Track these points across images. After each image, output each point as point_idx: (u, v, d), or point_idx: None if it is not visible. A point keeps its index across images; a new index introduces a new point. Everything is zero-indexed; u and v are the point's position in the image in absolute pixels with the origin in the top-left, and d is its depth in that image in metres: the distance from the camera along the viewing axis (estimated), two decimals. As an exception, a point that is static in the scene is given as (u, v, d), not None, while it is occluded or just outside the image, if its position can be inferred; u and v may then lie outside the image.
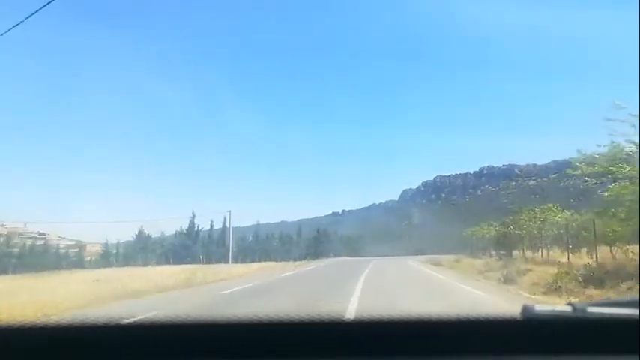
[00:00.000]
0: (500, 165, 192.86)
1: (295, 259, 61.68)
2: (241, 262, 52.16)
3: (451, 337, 1.32)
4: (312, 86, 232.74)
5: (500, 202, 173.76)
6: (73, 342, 1.30)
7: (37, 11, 8.23)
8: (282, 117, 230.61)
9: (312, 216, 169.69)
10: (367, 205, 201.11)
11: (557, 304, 1.35)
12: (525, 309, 1.32)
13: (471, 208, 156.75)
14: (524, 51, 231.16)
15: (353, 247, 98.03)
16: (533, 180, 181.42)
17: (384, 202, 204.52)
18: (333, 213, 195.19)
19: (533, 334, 1.31)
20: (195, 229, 78.10)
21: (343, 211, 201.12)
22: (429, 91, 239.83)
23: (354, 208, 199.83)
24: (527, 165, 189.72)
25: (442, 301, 13.31)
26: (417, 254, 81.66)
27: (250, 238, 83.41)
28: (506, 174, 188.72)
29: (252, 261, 60.92)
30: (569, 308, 1.31)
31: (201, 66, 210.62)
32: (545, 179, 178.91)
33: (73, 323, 1.33)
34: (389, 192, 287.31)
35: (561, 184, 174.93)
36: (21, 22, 8.58)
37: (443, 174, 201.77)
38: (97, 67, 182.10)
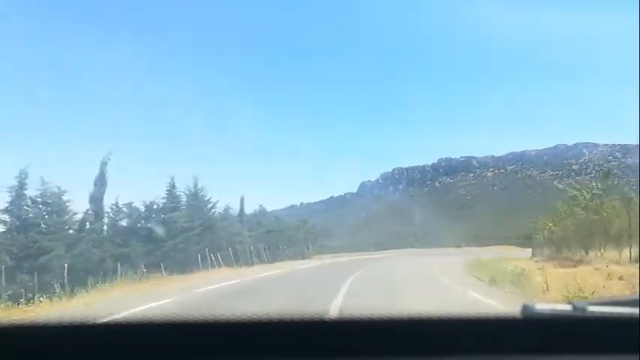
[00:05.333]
0: (459, 157, 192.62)
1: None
2: None
3: (452, 336, 1.31)
4: (273, 79, 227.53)
5: (459, 193, 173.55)
6: (72, 342, 1.29)
7: None
8: (249, 112, 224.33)
9: (270, 209, 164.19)
10: (326, 198, 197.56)
11: (557, 304, 1.34)
12: (525, 308, 1.31)
13: (429, 199, 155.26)
14: (483, 46, 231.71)
15: (281, 240, 50.06)
16: (492, 171, 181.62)
17: (342, 194, 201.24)
18: (291, 205, 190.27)
19: (534, 333, 1.30)
20: None
21: (301, 203, 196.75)
22: (387, 85, 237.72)
23: (312, 201, 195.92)
24: (486, 156, 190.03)
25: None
26: (379, 249, 74.55)
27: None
28: (464, 166, 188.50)
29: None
30: (569, 307, 1.31)
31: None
32: (503, 171, 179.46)
33: (73, 323, 1.32)
34: (348, 184, 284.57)
35: (519, 175, 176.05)
36: None
37: (401, 166, 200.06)
38: (97, 66, 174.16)
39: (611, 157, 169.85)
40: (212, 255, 32.99)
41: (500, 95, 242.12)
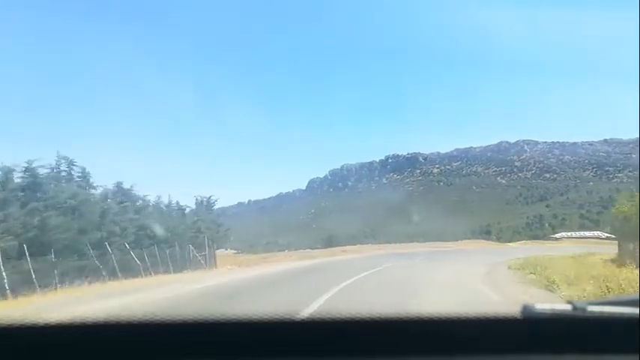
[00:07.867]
0: (405, 153, 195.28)
1: None
2: None
3: (452, 336, 1.32)
4: (220, 74, 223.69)
5: (406, 189, 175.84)
6: (73, 341, 1.30)
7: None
8: (186, 105, 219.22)
9: (218, 206, 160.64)
10: (274, 195, 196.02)
11: (557, 303, 1.35)
12: (525, 308, 1.32)
13: (377, 195, 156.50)
14: (431, 45, 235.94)
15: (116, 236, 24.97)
16: (437, 168, 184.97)
17: (291, 191, 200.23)
18: (239, 203, 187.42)
19: (534, 333, 1.31)
20: None
21: (249, 200, 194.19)
22: (336, 82, 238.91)
23: (260, 198, 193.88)
24: (432, 153, 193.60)
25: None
26: (328, 245, 71.42)
27: None
28: (411, 162, 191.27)
29: None
30: (569, 307, 1.31)
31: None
32: (448, 167, 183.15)
33: (73, 322, 1.33)
34: (296, 181, 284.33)
35: (464, 171, 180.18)
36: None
37: (349, 162, 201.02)
38: (99, 65, 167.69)
39: (550, 154, 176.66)
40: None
41: (446, 93, 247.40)
